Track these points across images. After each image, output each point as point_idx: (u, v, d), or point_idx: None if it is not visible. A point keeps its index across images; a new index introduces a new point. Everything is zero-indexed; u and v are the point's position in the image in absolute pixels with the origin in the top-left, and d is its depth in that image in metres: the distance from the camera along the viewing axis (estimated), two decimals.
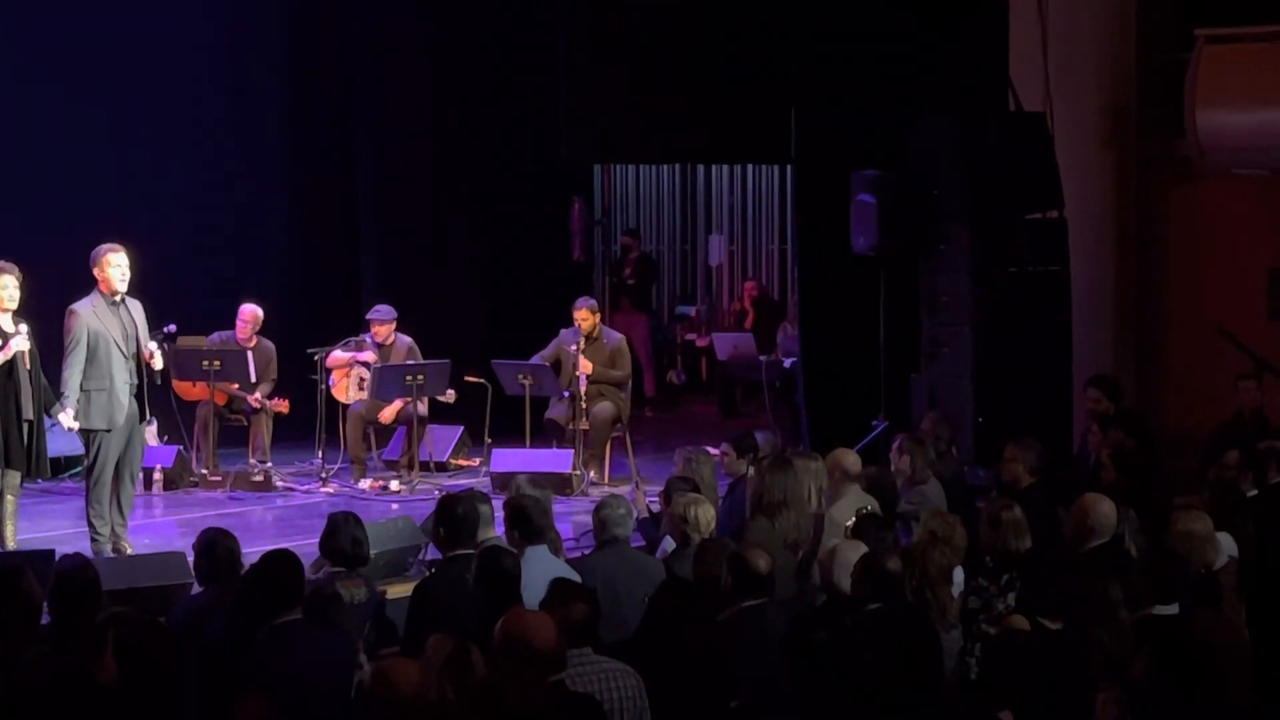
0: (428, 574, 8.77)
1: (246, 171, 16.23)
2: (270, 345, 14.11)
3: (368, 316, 14.14)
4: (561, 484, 12.66)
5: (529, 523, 8.28)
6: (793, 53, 13.98)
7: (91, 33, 15.03)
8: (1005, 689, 6.02)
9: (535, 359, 13.74)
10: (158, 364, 10.81)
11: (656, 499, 9.92)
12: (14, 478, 10.45)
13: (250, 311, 14.03)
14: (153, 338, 10.87)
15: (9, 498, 10.44)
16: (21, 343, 10.31)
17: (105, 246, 10.72)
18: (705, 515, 8.42)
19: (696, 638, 7.07)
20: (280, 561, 6.98)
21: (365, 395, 13.87)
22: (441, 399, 13.72)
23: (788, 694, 6.18)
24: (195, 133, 15.86)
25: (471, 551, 8.10)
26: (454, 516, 8.15)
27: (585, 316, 13.76)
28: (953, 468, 10.94)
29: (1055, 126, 13.48)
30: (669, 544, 8.79)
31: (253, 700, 5.63)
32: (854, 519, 8.99)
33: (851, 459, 9.80)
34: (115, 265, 10.63)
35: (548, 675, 5.94)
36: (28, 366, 10.39)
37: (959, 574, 8.01)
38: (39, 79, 14.74)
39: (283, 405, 13.90)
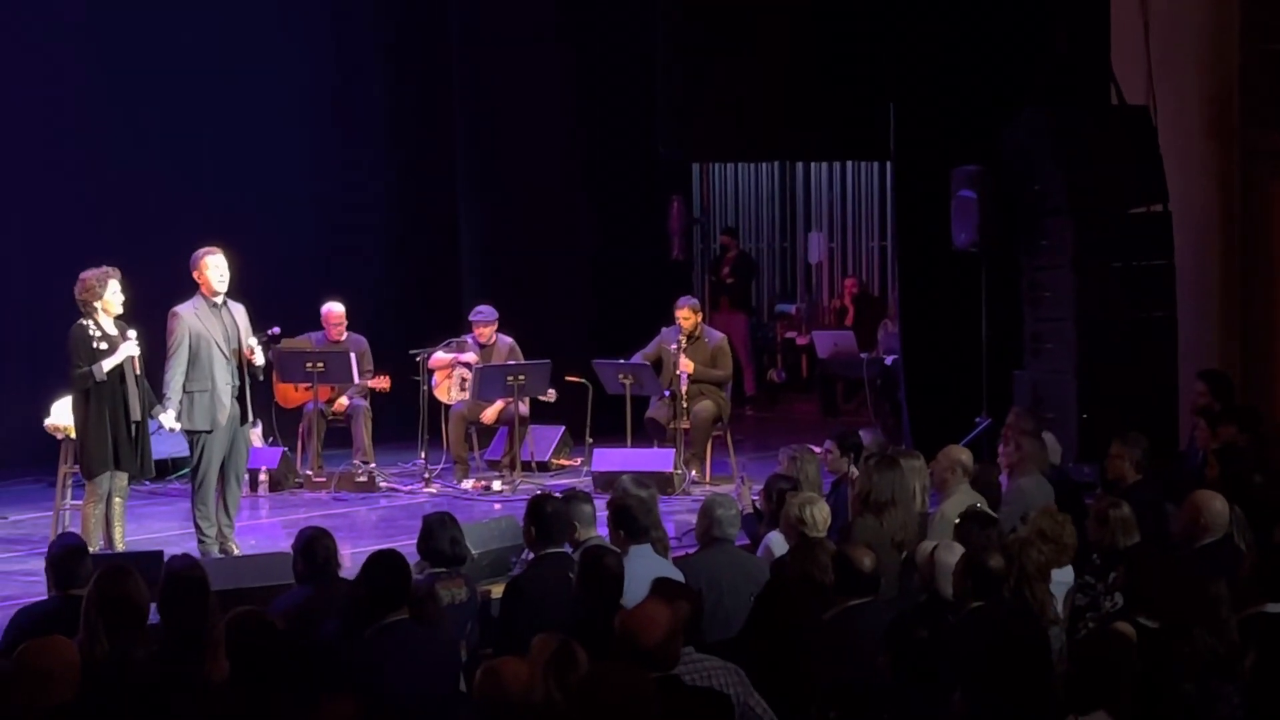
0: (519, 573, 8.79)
1: (346, 174, 16.33)
2: (361, 339, 14.18)
3: (470, 318, 14.20)
4: (663, 483, 12.65)
5: (633, 522, 8.28)
6: (891, 48, 13.91)
7: (190, 36, 15.17)
8: (1099, 688, 5.96)
9: (636, 358, 13.75)
10: (258, 360, 10.89)
11: (759, 497, 9.90)
12: (122, 479, 10.56)
13: (335, 312, 14.11)
14: (256, 339, 10.96)
15: (117, 500, 10.56)
16: (131, 348, 10.41)
17: (204, 250, 10.83)
18: (821, 514, 8.38)
19: (802, 637, 7.04)
20: (386, 562, 7.00)
21: (467, 396, 13.93)
22: (542, 399, 13.76)
23: (891, 693, 6.15)
24: (296, 135, 15.96)
25: (562, 550, 8.14)
26: (543, 515, 8.16)
27: (687, 315, 13.75)
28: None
29: (1158, 119, 13.35)
30: (773, 540, 8.76)
31: (339, 699, 5.65)
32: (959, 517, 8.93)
33: (966, 455, 9.72)
34: (214, 267, 10.74)
35: (659, 670, 5.94)
36: (137, 371, 10.50)
37: (1069, 572, 7.94)
38: (138, 83, 14.88)
39: (384, 381, 13.96)
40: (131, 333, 10.47)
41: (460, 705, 6.74)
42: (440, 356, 14.07)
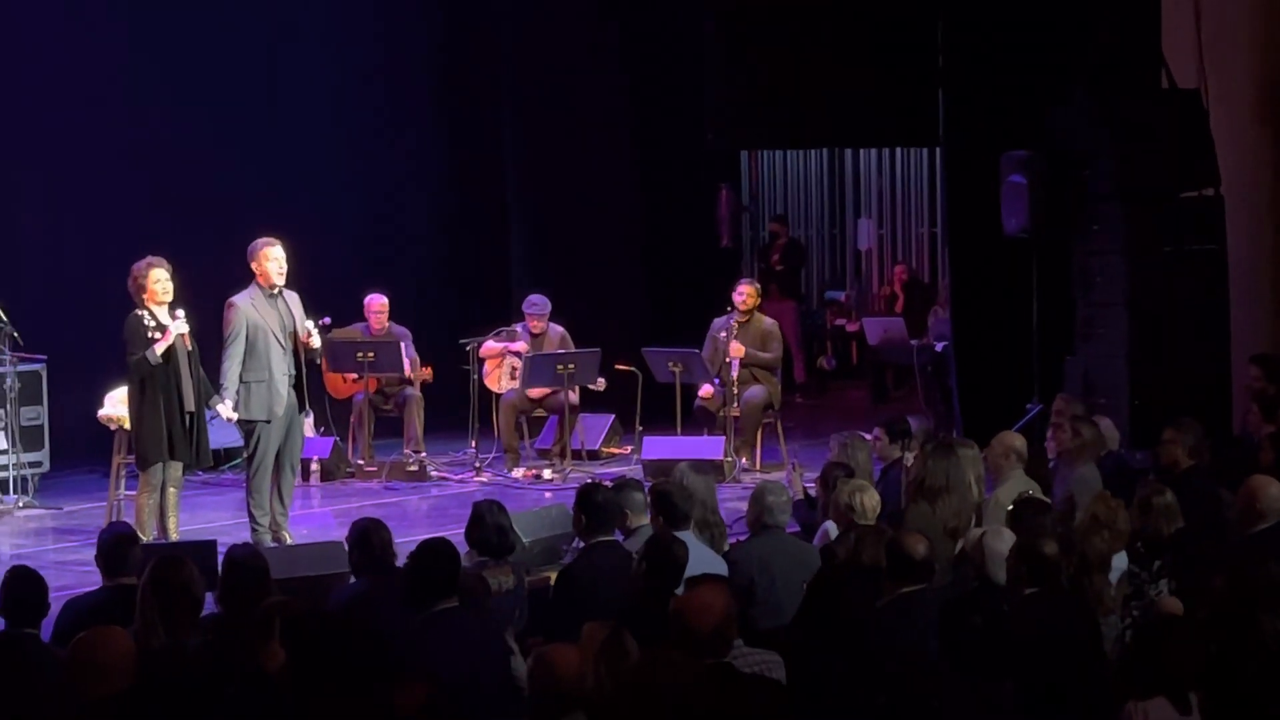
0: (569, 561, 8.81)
1: (396, 164, 16.39)
2: (404, 330, 14.21)
3: (523, 308, 14.21)
4: (714, 471, 12.64)
5: (673, 508, 8.29)
6: (939, 33, 13.86)
7: (241, 25, 15.25)
8: (1159, 673, 5.94)
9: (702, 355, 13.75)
10: (315, 343, 10.93)
11: (812, 484, 9.89)
12: (176, 469, 10.63)
13: (379, 302, 14.15)
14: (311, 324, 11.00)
15: (171, 489, 10.62)
16: (180, 326, 10.46)
17: (262, 240, 10.87)
18: (870, 501, 8.37)
19: (855, 624, 7.03)
20: (437, 550, 7.02)
21: (517, 384, 13.96)
22: (592, 387, 13.78)
23: (946, 680, 6.14)
24: (347, 124, 16.03)
25: (613, 538, 8.15)
26: (593, 504, 8.18)
27: (749, 292, 13.79)
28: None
29: (1209, 102, 13.26)
30: (830, 528, 8.76)
31: (414, 685, 5.68)
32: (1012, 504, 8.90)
33: (1020, 441, 9.69)
34: (273, 259, 10.78)
35: (713, 656, 5.95)
36: (189, 348, 10.55)
37: (1122, 559, 7.91)
38: (188, 75, 14.95)
39: (426, 372, 13.99)
40: (179, 312, 10.52)
41: (508, 692, 6.77)
42: (491, 345, 14.11)
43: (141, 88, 14.80)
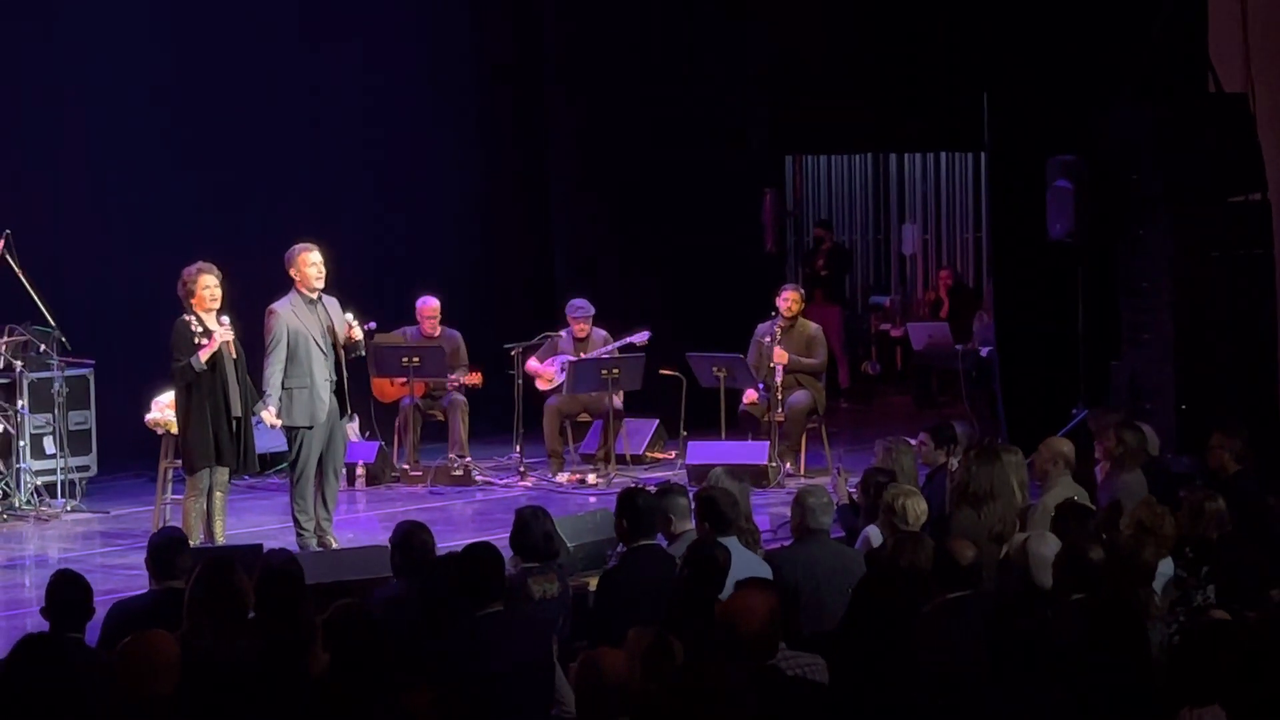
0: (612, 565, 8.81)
1: (440, 170, 16.41)
2: (456, 334, 14.24)
3: (567, 312, 14.21)
4: (758, 476, 12.64)
5: (719, 515, 8.28)
6: (984, 37, 13.83)
7: (285, 32, 15.31)
8: (1213, 681, 5.90)
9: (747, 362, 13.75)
10: (357, 334, 10.95)
11: (855, 489, 9.87)
12: (223, 474, 10.68)
13: (430, 305, 14.18)
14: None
15: (218, 494, 10.67)
16: (225, 333, 10.52)
17: (300, 246, 10.90)
18: (917, 508, 8.34)
19: (900, 630, 7.02)
20: (481, 555, 7.03)
21: (564, 385, 13.93)
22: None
23: (992, 686, 6.13)
24: (387, 129, 16.06)
25: (655, 543, 8.16)
26: (635, 509, 8.19)
27: (794, 298, 13.79)
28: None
29: (1256, 106, 13.19)
30: (872, 533, 8.74)
31: (417, 690, 5.69)
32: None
33: (1068, 447, 9.65)
34: (312, 264, 10.81)
35: (758, 660, 5.95)
36: (234, 355, 10.60)
37: (1168, 564, 7.87)
38: (233, 82, 15.02)
39: (475, 377, 14.00)
40: (224, 319, 10.57)
41: (551, 697, 6.78)
42: (536, 367, 14.09)
43: (187, 94, 14.85)
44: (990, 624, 6.29)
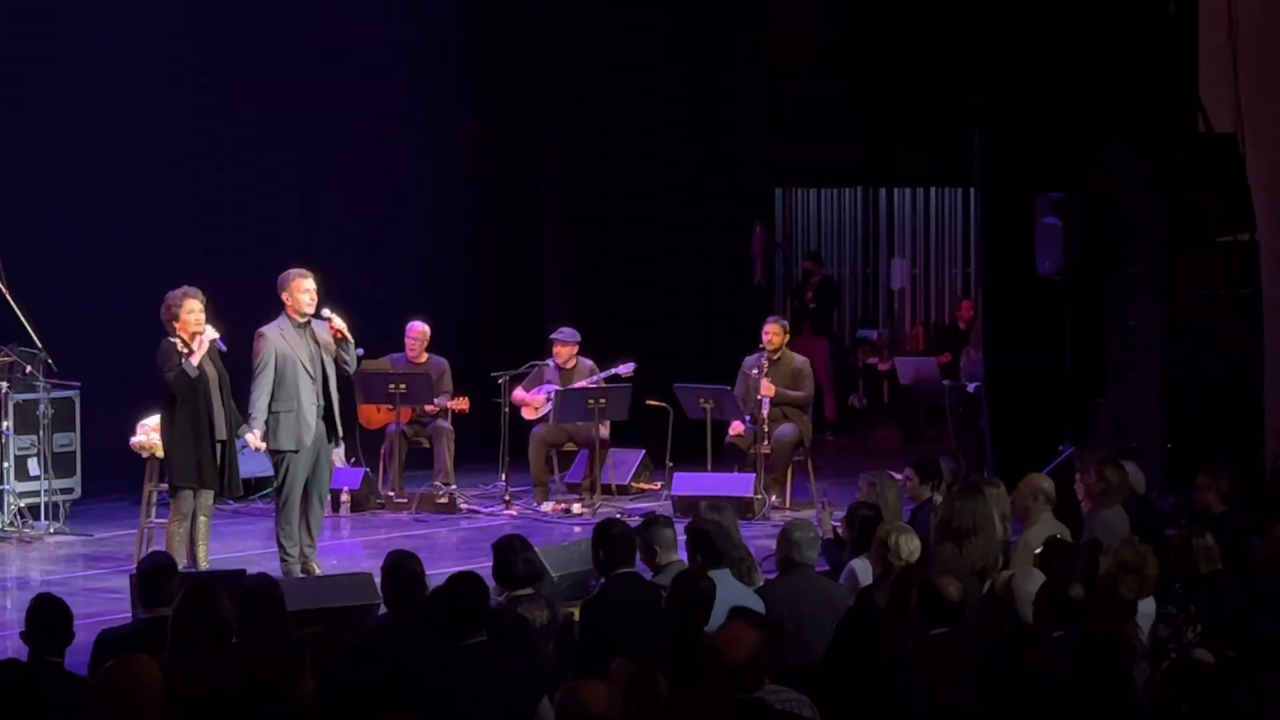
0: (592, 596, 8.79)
1: (429, 196, 16.44)
2: (442, 361, 14.22)
3: (552, 336, 14.21)
4: (743, 508, 12.63)
5: (711, 547, 8.26)
6: (975, 74, 13.87)
7: (274, 59, 15.33)
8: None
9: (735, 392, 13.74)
10: (338, 323, 10.89)
11: (840, 523, 9.86)
12: (207, 498, 10.66)
13: (418, 329, 14.18)
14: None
15: (201, 518, 10.65)
16: (211, 331, 10.52)
17: (295, 271, 10.90)
18: (908, 544, 8.33)
19: (884, 665, 7.01)
20: (465, 584, 7.01)
21: (548, 413, 13.93)
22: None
23: None
24: (376, 155, 16.09)
25: (633, 570, 8.15)
26: (611, 538, 8.19)
27: (775, 331, 13.77)
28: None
29: (1246, 147, 13.24)
30: (857, 567, 8.73)
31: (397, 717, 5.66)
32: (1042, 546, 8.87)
33: (1048, 484, 9.64)
34: (305, 290, 10.81)
35: (744, 691, 5.93)
36: (219, 373, 10.58)
37: (1150, 604, 7.87)
38: (223, 103, 15.05)
39: (462, 402, 13.99)
40: (208, 327, 10.55)
41: None
42: (523, 396, 14.08)
43: (178, 119, 14.87)
44: (976, 660, 6.27)
